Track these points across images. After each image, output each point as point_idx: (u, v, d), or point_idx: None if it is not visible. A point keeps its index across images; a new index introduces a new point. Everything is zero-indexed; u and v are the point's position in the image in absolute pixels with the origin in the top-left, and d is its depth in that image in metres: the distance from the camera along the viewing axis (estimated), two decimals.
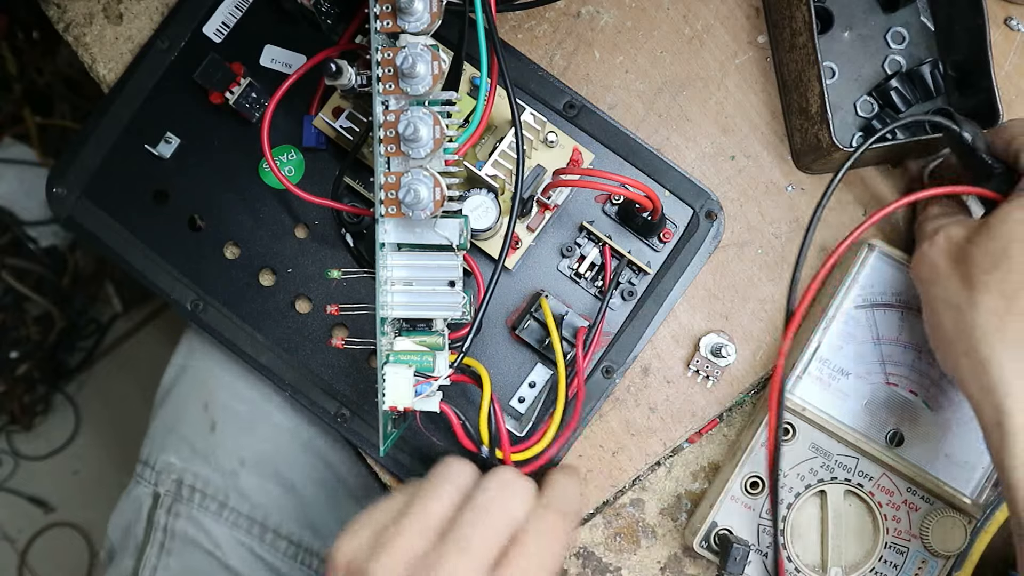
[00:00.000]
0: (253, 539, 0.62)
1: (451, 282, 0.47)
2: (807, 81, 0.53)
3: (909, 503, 0.52)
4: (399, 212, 0.45)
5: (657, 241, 0.55)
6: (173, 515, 0.62)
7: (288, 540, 0.63)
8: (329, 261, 0.56)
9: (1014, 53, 0.57)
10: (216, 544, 0.62)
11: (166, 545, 0.62)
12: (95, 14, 0.60)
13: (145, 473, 0.64)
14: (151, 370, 1.48)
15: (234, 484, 0.62)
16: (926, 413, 0.52)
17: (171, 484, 0.63)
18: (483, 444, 0.48)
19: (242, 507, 0.62)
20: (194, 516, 0.62)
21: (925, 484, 0.51)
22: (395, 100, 0.45)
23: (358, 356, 0.56)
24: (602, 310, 0.53)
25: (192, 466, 0.63)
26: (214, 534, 0.62)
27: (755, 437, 0.52)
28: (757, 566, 0.52)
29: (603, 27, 0.58)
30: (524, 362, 0.56)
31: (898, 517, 0.52)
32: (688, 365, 0.56)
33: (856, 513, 0.52)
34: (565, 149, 0.55)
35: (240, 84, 0.54)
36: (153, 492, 0.63)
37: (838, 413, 0.52)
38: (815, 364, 0.52)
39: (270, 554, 0.63)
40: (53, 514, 1.47)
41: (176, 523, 0.62)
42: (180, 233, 0.57)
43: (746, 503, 0.52)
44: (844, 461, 0.52)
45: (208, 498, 0.62)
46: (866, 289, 0.52)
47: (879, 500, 0.52)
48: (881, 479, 0.52)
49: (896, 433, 0.52)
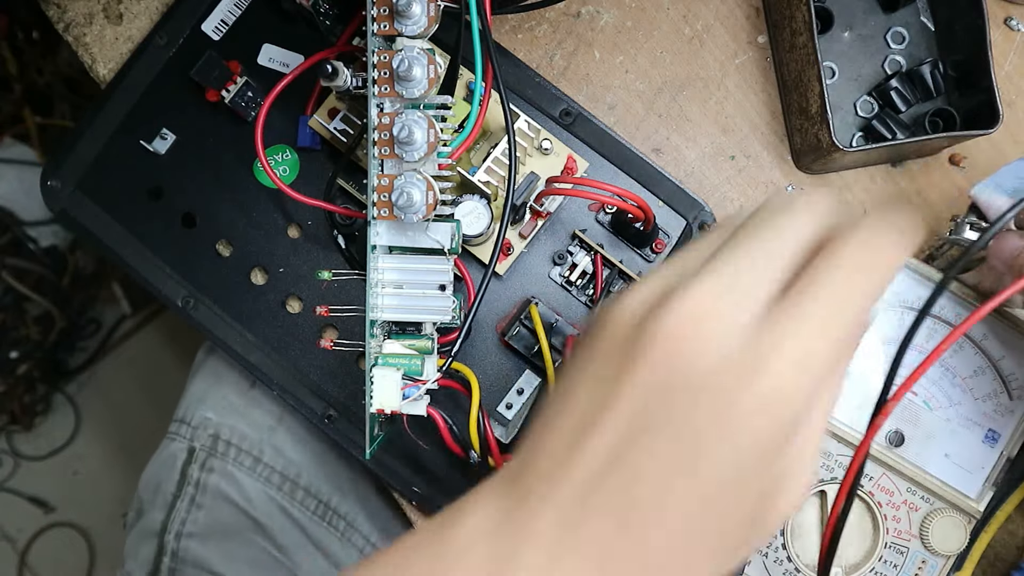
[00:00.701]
0: (284, 496, 0.63)
1: (441, 286, 0.47)
2: (807, 81, 0.53)
3: (909, 503, 0.52)
4: (391, 215, 0.45)
5: (650, 251, 0.55)
6: (207, 470, 0.62)
7: (317, 499, 0.64)
8: (321, 262, 0.56)
9: (1014, 53, 0.57)
10: (247, 498, 0.62)
11: (196, 499, 0.62)
12: (95, 14, 0.60)
13: (181, 430, 0.65)
14: (151, 370, 1.49)
15: (270, 440, 0.63)
16: (927, 413, 0.52)
17: (207, 439, 0.63)
18: (472, 449, 0.48)
19: (276, 463, 0.63)
20: (228, 471, 0.62)
21: (925, 484, 0.51)
22: (390, 103, 0.45)
23: (347, 358, 0.56)
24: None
25: (228, 420, 0.63)
26: (246, 488, 0.62)
27: None
28: (757, 566, 0.52)
29: (603, 27, 0.58)
30: (513, 369, 0.55)
31: (898, 517, 0.52)
32: None
33: (856, 513, 0.52)
34: (560, 157, 0.55)
35: (237, 82, 0.54)
36: (188, 447, 0.63)
37: (838, 413, 0.52)
38: None
39: (299, 511, 0.63)
40: (53, 514, 1.47)
41: (209, 478, 0.62)
42: (173, 229, 0.57)
43: None
44: (844, 461, 0.52)
45: (243, 453, 0.62)
46: None
47: (879, 500, 0.52)
48: (881, 479, 0.52)
49: (896, 433, 0.52)
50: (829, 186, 0.57)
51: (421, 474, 0.55)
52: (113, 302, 1.49)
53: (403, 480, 0.55)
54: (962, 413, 0.52)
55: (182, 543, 0.61)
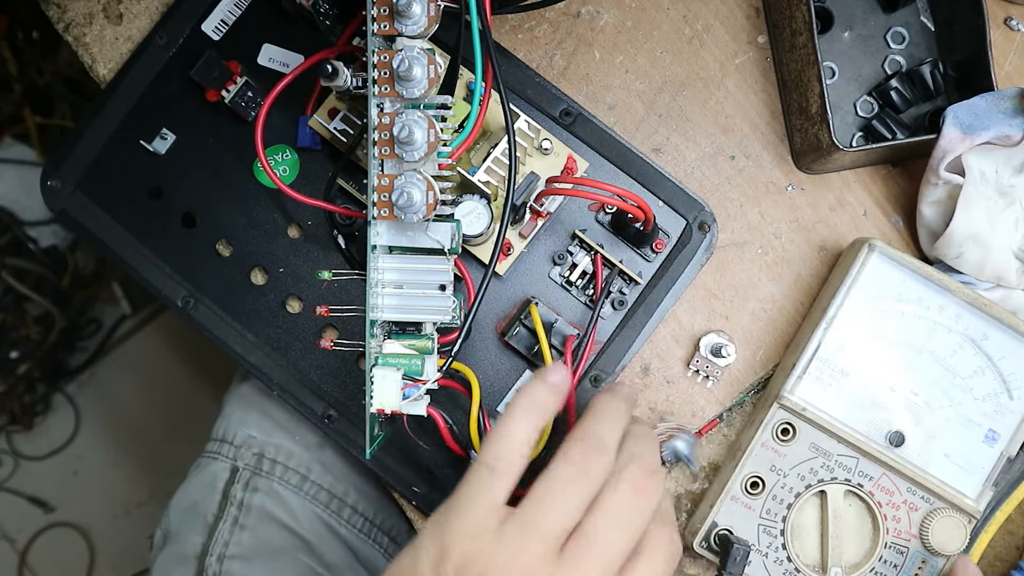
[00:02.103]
0: (331, 514, 0.62)
1: (442, 286, 0.46)
2: (807, 81, 0.53)
3: (909, 503, 0.52)
4: (391, 215, 0.45)
5: (649, 251, 0.55)
6: (251, 490, 0.62)
7: (364, 517, 0.63)
8: (321, 262, 0.56)
9: (1014, 53, 0.57)
10: (294, 517, 0.62)
11: (240, 520, 0.61)
12: (95, 14, 0.60)
13: (222, 449, 0.64)
14: (151, 370, 1.49)
15: (318, 457, 0.62)
16: (927, 413, 0.52)
17: (251, 458, 0.62)
18: (473, 448, 0.48)
19: (323, 481, 0.62)
20: (274, 489, 0.62)
21: (925, 484, 0.51)
22: (390, 103, 0.45)
23: (347, 358, 0.56)
24: (593, 319, 0.53)
25: (274, 439, 0.63)
26: (292, 506, 0.62)
27: (755, 437, 0.52)
28: (757, 566, 0.52)
29: (603, 27, 0.58)
30: (512, 369, 0.55)
31: (898, 517, 0.52)
32: (688, 365, 0.56)
33: (856, 513, 0.52)
34: (560, 157, 0.55)
35: (237, 82, 0.54)
36: (231, 467, 0.63)
37: (838, 413, 0.52)
38: (815, 364, 0.52)
39: (346, 529, 0.63)
40: (53, 514, 1.47)
41: (253, 497, 0.62)
42: (173, 229, 0.57)
43: (746, 503, 0.52)
44: (844, 461, 0.52)
45: (290, 471, 0.62)
46: (867, 289, 0.52)
47: (879, 500, 0.52)
48: (881, 479, 0.52)
49: (896, 433, 0.52)
50: (829, 186, 0.57)
51: (421, 474, 0.55)
52: (113, 302, 1.49)
53: (403, 480, 0.55)
54: (962, 413, 0.52)
55: (225, 565, 0.60)
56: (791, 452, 0.52)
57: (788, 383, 0.52)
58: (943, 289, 0.51)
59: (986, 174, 0.51)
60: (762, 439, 0.52)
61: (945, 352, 0.52)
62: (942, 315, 0.52)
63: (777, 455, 0.52)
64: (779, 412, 0.52)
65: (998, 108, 0.50)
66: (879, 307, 0.52)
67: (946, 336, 0.52)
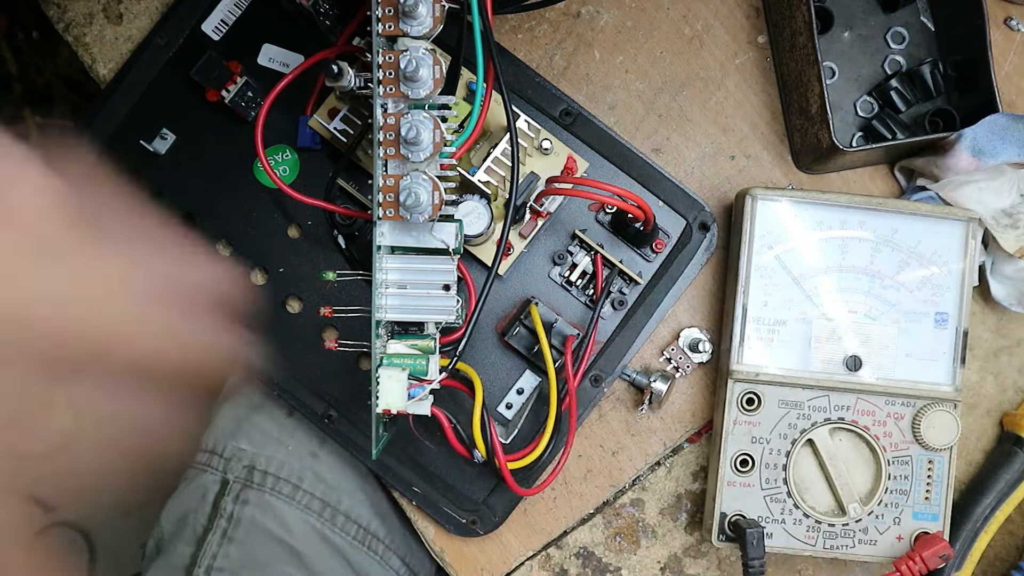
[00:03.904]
0: (324, 523, 0.62)
1: (446, 286, 0.46)
2: (807, 81, 0.53)
3: (893, 414, 0.52)
4: (397, 215, 0.45)
5: (650, 251, 0.55)
6: (241, 503, 0.61)
7: (357, 524, 0.63)
8: (321, 262, 0.56)
9: (1014, 53, 0.57)
10: (286, 528, 0.61)
11: (228, 533, 0.61)
12: (95, 14, 0.60)
13: (212, 461, 0.63)
14: None
15: (310, 466, 0.62)
16: (871, 325, 0.52)
17: (241, 470, 0.62)
18: (476, 448, 0.48)
19: (316, 489, 0.62)
20: (265, 501, 0.61)
21: (899, 391, 0.52)
22: (393, 103, 0.45)
23: (347, 358, 0.56)
24: (594, 320, 0.53)
25: (265, 451, 0.62)
26: (285, 518, 0.61)
27: (725, 418, 0.53)
28: (780, 536, 0.52)
29: (603, 27, 0.58)
30: (513, 368, 0.55)
31: (888, 432, 0.52)
32: (663, 352, 0.56)
33: (849, 446, 0.53)
34: (560, 157, 0.55)
35: (236, 82, 0.54)
36: (221, 479, 0.62)
37: (791, 363, 0.52)
38: (750, 327, 0.52)
39: (340, 538, 0.62)
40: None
41: (243, 510, 0.61)
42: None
43: (744, 482, 0.52)
44: (816, 403, 0.52)
45: (282, 481, 0.61)
46: (764, 236, 0.52)
47: (864, 424, 0.52)
48: (858, 404, 0.52)
49: (852, 358, 0.52)
50: (829, 186, 0.57)
51: (422, 474, 0.56)
52: None
53: (403, 480, 0.55)
54: (904, 310, 0.52)
55: None
56: (764, 418, 0.52)
57: (732, 355, 0.52)
58: (837, 205, 0.52)
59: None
60: (732, 417, 0.53)
61: (864, 261, 0.52)
62: (846, 228, 0.52)
63: (752, 426, 0.52)
64: (736, 385, 0.52)
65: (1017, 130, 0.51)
66: (785, 248, 0.52)
67: (859, 246, 0.52)
